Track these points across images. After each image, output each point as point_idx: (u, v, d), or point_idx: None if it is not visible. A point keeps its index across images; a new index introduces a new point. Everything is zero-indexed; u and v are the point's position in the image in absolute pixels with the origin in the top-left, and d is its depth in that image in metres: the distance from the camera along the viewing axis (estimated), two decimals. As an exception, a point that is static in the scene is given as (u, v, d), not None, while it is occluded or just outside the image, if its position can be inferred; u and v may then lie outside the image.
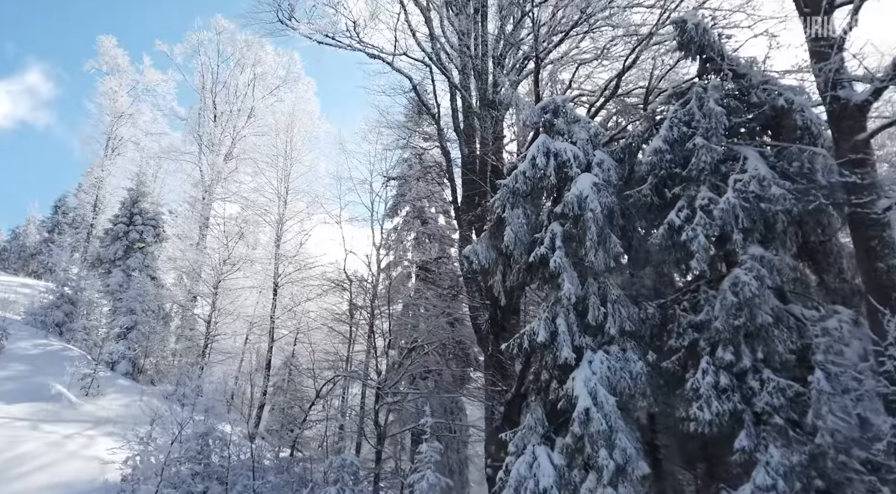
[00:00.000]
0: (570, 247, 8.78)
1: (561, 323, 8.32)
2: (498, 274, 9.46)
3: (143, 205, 26.11)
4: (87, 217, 40.13)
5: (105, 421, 13.02)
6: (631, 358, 8.13)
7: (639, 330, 8.43)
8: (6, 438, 9.80)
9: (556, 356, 8.04)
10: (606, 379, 7.85)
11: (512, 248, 9.11)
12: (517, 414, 11.22)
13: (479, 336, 12.68)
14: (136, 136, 37.56)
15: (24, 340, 16.86)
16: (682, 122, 8.94)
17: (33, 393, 12.69)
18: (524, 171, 9.60)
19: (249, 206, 24.48)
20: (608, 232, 8.65)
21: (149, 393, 17.17)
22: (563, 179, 9.36)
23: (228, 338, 25.37)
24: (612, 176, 9.33)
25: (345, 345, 20.94)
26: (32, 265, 42.80)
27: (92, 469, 9.72)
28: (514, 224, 9.32)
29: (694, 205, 8.19)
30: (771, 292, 7.16)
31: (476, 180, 12.64)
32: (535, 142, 9.87)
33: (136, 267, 24.52)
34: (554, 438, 8.01)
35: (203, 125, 30.19)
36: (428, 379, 20.54)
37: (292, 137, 24.28)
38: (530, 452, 7.86)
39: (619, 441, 7.32)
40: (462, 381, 22.92)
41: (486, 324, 11.98)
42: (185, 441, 9.70)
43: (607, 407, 7.54)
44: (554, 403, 8.17)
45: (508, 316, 11.99)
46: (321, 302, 22.79)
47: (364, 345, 20.91)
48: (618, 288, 8.66)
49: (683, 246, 8.01)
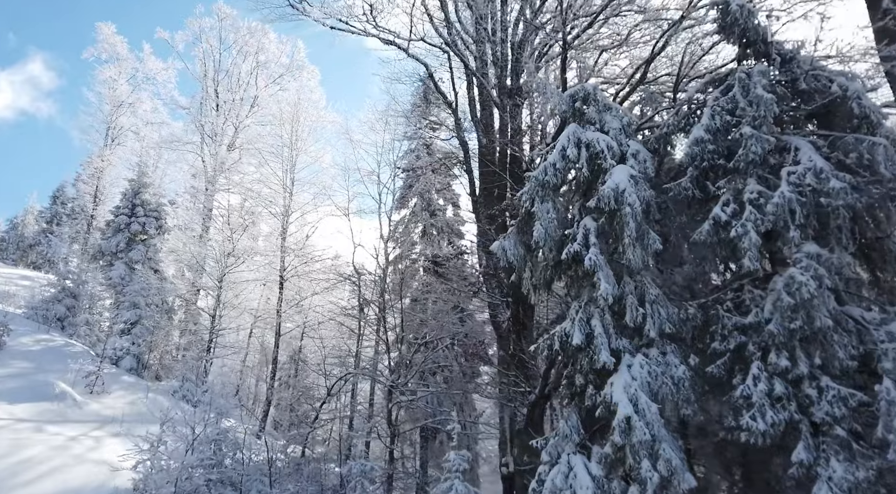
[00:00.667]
0: (604, 243, 8.29)
1: (596, 325, 7.84)
2: (527, 271, 8.95)
3: (144, 196, 25.56)
4: (86, 208, 39.56)
5: (111, 421, 12.59)
6: (672, 362, 7.66)
7: (679, 332, 7.95)
8: (10, 441, 9.36)
9: (593, 360, 7.57)
10: (647, 384, 7.38)
11: (542, 244, 8.61)
12: (540, 417, 10.82)
13: (498, 333, 12.22)
14: (136, 126, 36.92)
15: (25, 335, 16.39)
16: (724, 111, 8.41)
17: (37, 392, 12.24)
18: (554, 163, 9.08)
19: (254, 198, 23.93)
20: (646, 227, 8.14)
21: (154, 390, 16.77)
22: (595, 171, 8.83)
23: (233, 332, 24.97)
24: (649, 168, 8.80)
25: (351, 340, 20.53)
26: (31, 256, 42.30)
27: (100, 474, 9.30)
28: (544, 219, 8.80)
29: (741, 199, 7.68)
30: (829, 293, 6.67)
31: (497, 171, 12.11)
32: (565, 132, 9.33)
33: (139, 259, 24.05)
34: (590, 446, 7.56)
35: (205, 114, 29.56)
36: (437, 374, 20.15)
37: (297, 127, 23.69)
38: (565, 462, 7.42)
39: (662, 451, 6.86)
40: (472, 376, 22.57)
41: (507, 322, 11.51)
42: (197, 445, 9.26)
43: (649, 414, 7.08)
44: (590, 410, 7.70)
45: (531, 315, 11.53)
46: (328, 297, 22.36)
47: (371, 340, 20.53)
48: (656, 288, 8.17)
49: (730, 242, 7.52)
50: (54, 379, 13.58)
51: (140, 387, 16.47)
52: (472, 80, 13.70)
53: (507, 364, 11.55)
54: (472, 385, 20.65)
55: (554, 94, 9.99)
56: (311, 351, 22.56)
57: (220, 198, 27.73)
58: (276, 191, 23.56)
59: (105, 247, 24.94)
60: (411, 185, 25.93)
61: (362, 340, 20.13)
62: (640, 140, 9.57)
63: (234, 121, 29.64)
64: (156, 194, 26.39)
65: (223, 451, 9.53)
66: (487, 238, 12.66)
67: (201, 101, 29.83)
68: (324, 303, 22.79)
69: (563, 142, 9.18)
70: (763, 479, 7.94)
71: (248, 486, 9.35)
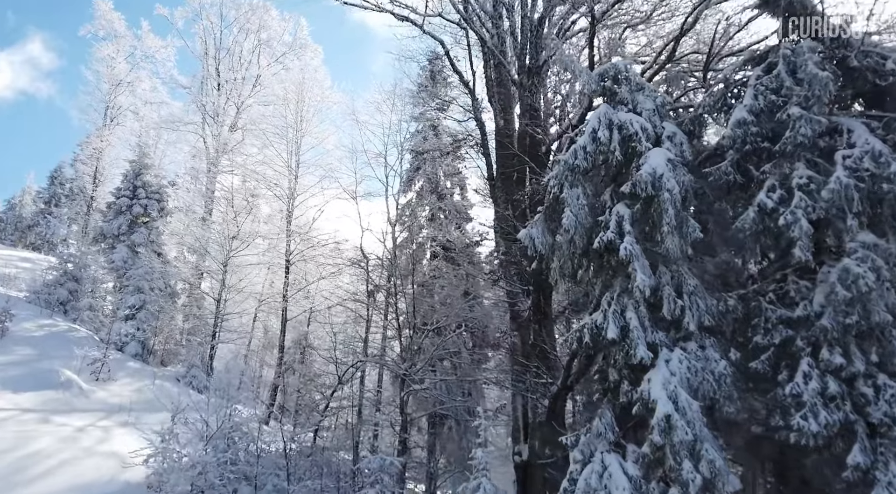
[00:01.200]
0: (638, 231, 7.86)
1: (631, 318, 7.45)
2: (555, 260, 8.52)
3: (146, 178, 24.96)
4: (86, 189, 38.95)
5: (118, 409, 12.28)
6: (711, 356, 7.29)
7: (719, 325, 7.57)
8: (17, 433, 9.03)
9: (629, 354, 7.19)
10: (686, 380, 7.02)
11: (572, 232, 8.17)
12: (562, 408, 10.51)
13: (517, 322, 11.85)
14: (135, 105, 36.12)
15: (28, 321, 16.02)
16: (768, 90, 7.92)
17: (41, 380, 11.90)
18: (584, 146, 8.60)
19: (258, 180, 23.36)
20: (685, 215, 7.71)
21: (161, 377, 16.47)
22: (629, 155, 8.36)
23: (237, 316, 24.59)
24: (686, 151, 8.35)
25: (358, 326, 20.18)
26: (30, 236, 41.82)
27: (110, 467, 8.99)
28: (574, 205, 8.35)
29: (788, 185, 7.23)
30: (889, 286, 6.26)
31: (516, 154, 11.62)
32: (596, 113, 8.84)
33: (141, 242, 23.57)
34: (624, 445, 7.23)
35: (206, 94, 28.81)
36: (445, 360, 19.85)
37: (302, 107, 23.02)
38: (599, 460, 7.08)
39: (705, 452, 6.52)
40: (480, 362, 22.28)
41: (528, 311, 11.13)
42: (211, 439, 8.94)
43: (690, 413, 6.72)
44: (624, 406, 7.35)
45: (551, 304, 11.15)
46: (336, 281, 21.95)
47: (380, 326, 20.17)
48: (694, 278, 7.77)
49: (776, 231, 7.10)
50: (59, 366, 13.23)
51: (146, 374, 16.16)
52: (490, 59, 13.11)
53: (527, 353, 11.20)
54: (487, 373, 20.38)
55: (582, 73, 9.45)
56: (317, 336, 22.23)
57: (222, 179, 27.17)
58: (280, 173, 22.99)
59: (106, 230, 24.45)
60: (418, 168, 25.33)
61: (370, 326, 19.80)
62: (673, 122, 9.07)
63: (235, 101, 28.90)
64: (157, 176, 25.82)
65: (237, 444, 9.22)
66: (506, 223, 12.23)
67: (202, 80, 29.06)
68: (331, 288, 22.41)
69: (593, 124, 8.69)
70: (798, 476, 7.64)
71: (263, 480, 9.07)
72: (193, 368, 18.77)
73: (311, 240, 22.13)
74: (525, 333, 11.38)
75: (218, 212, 25.76)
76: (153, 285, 20.11)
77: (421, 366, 15.11)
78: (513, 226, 11.08)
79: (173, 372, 18.81)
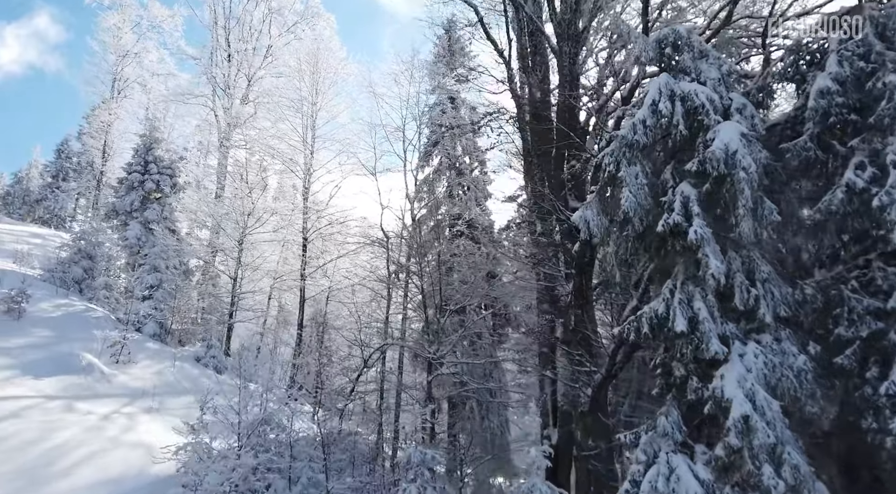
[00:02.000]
0: (706, 213, 7.21)
1: (700, 308, 6.83)
2: (611, 244, 7.89)
3: (157, 153, 24.32)
4: (94, 163, 38.36)
5: (141, 394, 11.94)
6: (789, 350, 6.69)
7: (795, 316, 6.96)
8: (42, 423, 8.65)
9: (699, 348, 6.61)
10: (763, 377, 6.45)
11: (632, 214, 7.52)
12: (605, 398, 10.02)
13: (556, 307, 11.29)
14: (142, 77, 35.28)
15: (44, 300, 15.65)
16: (855, 56, 7.14)
17: (62, 365, 11.54)
18: (643, 120, 7.87)
19: (273, 155, 22.67)
20: (759, 195, 7.02)
21: (180, 358, 16.14)
22: (694, 129, 7.63)
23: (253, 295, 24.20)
24: (757, 125, 7.61)
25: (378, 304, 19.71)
26: (38, 211, 41.41)
27: (138, 458, 8.63)
28: (633, 185, 7.67)
29: (881, 162, 6.53)
30: None
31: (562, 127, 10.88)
32: (655, 84, 8.07)
33: (154, 219, 23.06)
34: (692, 445, 6.71)
35: (216, 65, 27.90)
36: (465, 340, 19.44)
37: (318, 79, 22.17)
38: (664, 462, 6.57)
39: (787, 456, 5.99)
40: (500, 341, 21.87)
41: (570, 296, 10.55)
42: (244, 431, 8.53)
43: (770, 413, 6.17)
44: (691, 404, 6.80)
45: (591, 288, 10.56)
46: (354, 260, 21.44)
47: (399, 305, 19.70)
48: (767, 264, 7.13)
49: (867, 213, 6.43)
50: (78, 348, 12.88)
51: (166, 355, 15.83)
52: (526, 26, 12.24)
53: (567, 339, 10.67)
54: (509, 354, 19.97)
55: (638, 39, 8.64)
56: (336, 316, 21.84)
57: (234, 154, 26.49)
58: (295, 148, 22.31)
59: (119, 206, 23.93)
60: (436, 143, 24.55)
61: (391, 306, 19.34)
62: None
63: (246, 73, 28.00)
64: (169, 150, 25.14)
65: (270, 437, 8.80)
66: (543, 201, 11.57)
67: (212, 51, 28.12)
68: (348, 266, 21.92)
69: (653, 96, 7.94)
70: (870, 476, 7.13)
71: (297, 472, 8.69)
72: (212, 349, 18.46)
73: (329, 218, 21.55)
74: (566, 318, 10.82)
75: (230, 188, 25.14)
76: (169, 264, 19.67)
77: (448, 350, 14.68)
78: (553, 204, 10.42)
79: (192, 352, 18.51)
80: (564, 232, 10.37)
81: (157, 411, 11.35)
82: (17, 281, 14.64)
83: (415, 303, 19.54)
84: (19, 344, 12.14)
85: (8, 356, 11.33)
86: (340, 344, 22.57)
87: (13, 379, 10.18)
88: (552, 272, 11.09)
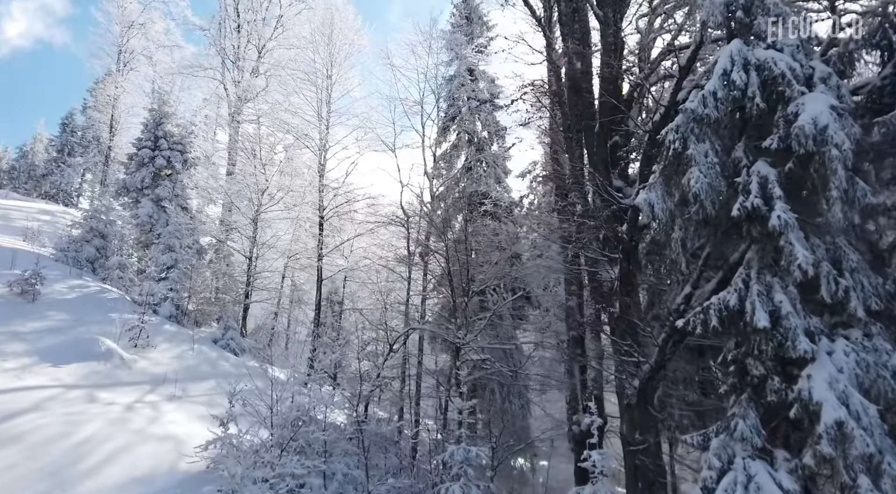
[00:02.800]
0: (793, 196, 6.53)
1: (782, 301, 6.22)
2: (676, 229, 7.24)
3: (167, 128, 23.56)
4: (101, 137, 37.64)
5: (163, 380, 11.53)
6: (882, 347, 6.09)
7: (888, 309, 6.34)
8: (65, 416, 8.22)
9: (783, 346, 6.02)
10: (856, 377, 5.87)
11: (702, 197, 6.85)
12: (653, 391, 9.49)
13: (600, 292, 10.69)
14: (148, 49, 34.28)
15: (58, 281, 15.20)
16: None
17: (81, 350, 11.11)
18: (713, 92, 7.15)
19: (287, 130, 21.87)
20: (852, 175, 6.33)
21: (198, 340, 15.74)
22: (773, 102, 6.91)
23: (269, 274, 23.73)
24: (845, 97, 6.88)
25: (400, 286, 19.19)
26: (45, 185, 40.86)
27: (167, 453, 8.20)
28: (702, 164, 7.00)
29: None
30: None
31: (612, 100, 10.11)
32: (726, 52, 7.31)
33: (166, 196, 22.44)
34: (771, 450, 6.17)
35: (226, 36, 26.89)
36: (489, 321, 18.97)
37: (333, 50, 21.23)
38: (741, 468, 6.04)
39: (887, 466, 5.44)
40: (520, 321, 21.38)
41: (615, 283, 9.95)
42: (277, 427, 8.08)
43: (866, 419, 5.60)
44: (771, 406, 6.23)
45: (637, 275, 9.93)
46: (372, 239, 20.84)
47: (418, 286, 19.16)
48: (855, 252, 6.49)
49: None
50: (96, 332, 12.46)
51: (183, 337, 15.42)
52: (564, -12, 11.36)
53: (612, 328, 10.12)
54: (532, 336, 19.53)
55: (705, 1, 7.82)
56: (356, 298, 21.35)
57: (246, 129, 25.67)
58: (310, 122, 21.49)
59: (129, 183, 23.30)
60: (454, 117, 23.69)
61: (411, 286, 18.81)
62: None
63: (256, 44, 26.99)
64: (179, 125, 24.36)
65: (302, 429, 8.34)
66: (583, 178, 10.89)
67: (220, 21, 27.08)
68: (365, 246, 21.34)
69: (724, 65, 7.21)
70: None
71: (332, 467, 8.26)
72: (230, 330, 18.07)
73: (346, 195, 20.86)
74: (609, 304, 10.24)
75: (241, 164, 24.42)
76: (183, 243, 19.14)
77: (476, 334, 14.18)
78: (600, 184, 9.73)
79: (209, 334, 18.15)
80: (614, 215, 9.70)
81: (180, 399, 10.94)
82: (30, 262, 14.17)
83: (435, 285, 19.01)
84: (36, 329, 11.71)
85: (25, 341, 10.90)
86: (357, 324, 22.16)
87: (32, 367, 9.76)
88: (595, 256, 10.45)
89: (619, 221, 9.77)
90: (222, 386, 13.08)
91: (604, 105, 10.77)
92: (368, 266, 19.21)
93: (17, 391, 8.59)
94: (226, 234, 23.51)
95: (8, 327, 11.25)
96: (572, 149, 11.28)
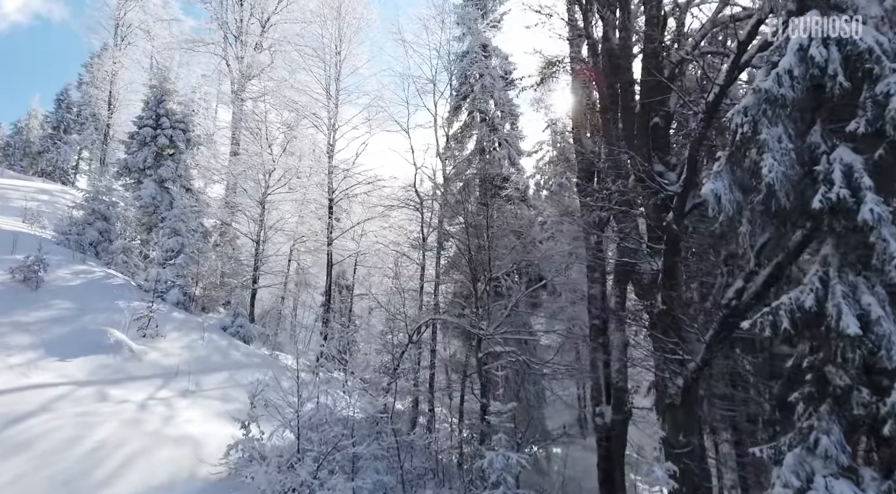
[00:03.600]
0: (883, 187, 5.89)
1: (871, 304, 5.63)
2: (744, 222, 6.60)
3: (169, 106, 22.64)
4: (99, 115, 36.59)
5: (174, 373, 11.00)
6: (980, 356, 5.52)
7: None
8: (76, 418, 7.67)
9: (877, 355, 5.44)
10: (956, 391, 5.31)
11: (777, 188, 6.21)
12: (696, 391, 8.99)
13: (640, 286, 10.10)
14: (146, 23, 33.08)
15: (61, 267, 14.56)
16: None
17: (88, 342, 10.55)
18: (789, 69, 6.45)
19: (294, 109, 21.00)
20: (952, 165, 5.68)
21: (208, 328, 15.20)
22: (857, 80, 6.22)
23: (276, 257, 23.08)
24: (941, 76, 6.17)
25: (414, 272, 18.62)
26: (41, 163, 39.87)
27: (185, 458, 7.68)
28: (776, 150, 6.35)
29: None
30: None
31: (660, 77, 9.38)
32: (801, 24, 6.58)
33: (169, 177, 21.66)
34: (856, 468, 5.63)
35: (227, 9, 25.78)
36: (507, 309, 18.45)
37: (342, 24, 20.26)
38: (822, 487, 5.53)
39: None
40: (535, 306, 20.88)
41: (657, 275, 9.35)
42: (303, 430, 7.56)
43: (971, 438, 5.06)
44: (855, 421, 5.68)
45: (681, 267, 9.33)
46: (382, 222, 20.17)
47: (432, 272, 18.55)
48: (949, 250, 5.86)
49: None
50: (103, 321, 11.89)
51: (192, 325, 14.88)
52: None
53: (653, 323, 9.56)
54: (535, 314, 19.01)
55: (775, -32, 7.07)
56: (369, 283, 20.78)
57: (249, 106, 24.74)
58: (318, 100, 20.64)
59: (131, 163, 22.49)
60: (466, 96, 22.83)
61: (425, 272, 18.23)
62: None
63: (259, 17, 25.92)
64: (181, 102, 23.45)
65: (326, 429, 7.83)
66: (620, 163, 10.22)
67: (222, -6, 25.94)
68: (376, 229, 20.68)
69: (799, 40, 6.49)
70: None
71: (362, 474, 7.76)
72: (238, 317, 17.53)
73: (357, 177, 20.12)
74: (650, 297, 9.66)
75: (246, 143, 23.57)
76: (189, 226, 18.46)
77: (498, 324, 13.63)
78: (644, 169, 9.05)
79: (218, 321, 17.61)
80: (662, 203, 9.05)
81: (194, 394, 10.42)
82: (31, 246, 13.49)
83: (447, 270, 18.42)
84: (40, 318, 11.12)
85: (29, 332, 10.32)
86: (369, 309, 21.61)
87: (38, 362, 9.19)
88: (631, 246, 9.83)
89: (665, 209, 9.13)
90: (235, 377, 12.66)
91: (644, 84, 10.05)
92: (380, 250, 18.58)
93: (25, 390, 8.04)
94: (231, 216, 22.82)
95: (11, 317, 10.66)
96: (609, 131, 10.56)
